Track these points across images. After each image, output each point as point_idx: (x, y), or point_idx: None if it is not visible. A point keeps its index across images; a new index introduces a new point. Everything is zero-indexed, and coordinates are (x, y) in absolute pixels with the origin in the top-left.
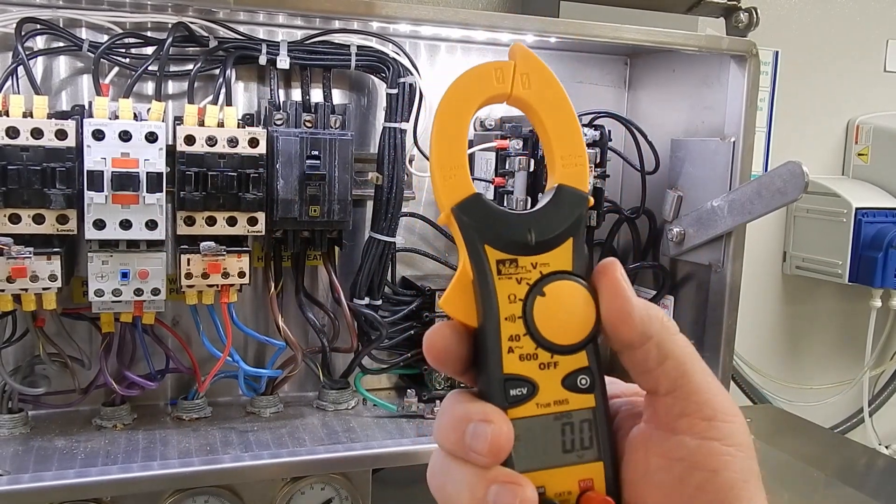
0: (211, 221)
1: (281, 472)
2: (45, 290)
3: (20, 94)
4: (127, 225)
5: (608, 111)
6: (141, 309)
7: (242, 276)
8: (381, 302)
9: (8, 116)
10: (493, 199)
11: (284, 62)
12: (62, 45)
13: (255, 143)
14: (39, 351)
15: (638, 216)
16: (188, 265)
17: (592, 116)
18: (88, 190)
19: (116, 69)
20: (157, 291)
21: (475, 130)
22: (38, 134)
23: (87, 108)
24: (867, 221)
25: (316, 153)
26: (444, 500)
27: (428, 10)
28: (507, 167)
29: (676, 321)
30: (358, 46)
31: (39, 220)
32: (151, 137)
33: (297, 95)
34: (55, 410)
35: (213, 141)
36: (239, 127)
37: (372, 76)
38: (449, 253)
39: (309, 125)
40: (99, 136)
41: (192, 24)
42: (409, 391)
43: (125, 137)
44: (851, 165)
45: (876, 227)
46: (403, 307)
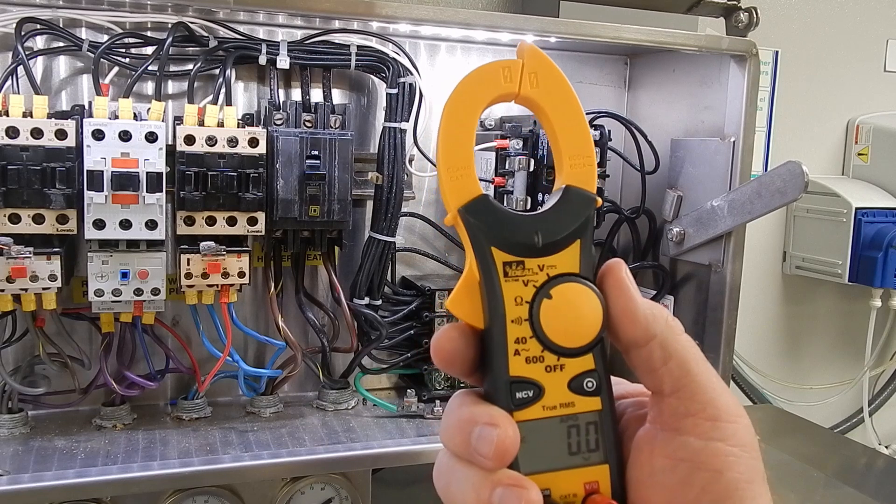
0: (211, 221)
1: (281, 472)
2: (45, 290)
3: (20, 93)
4: (127, 225)
5: (608, 111)
6: (141, 309)
7: (242, 276)
8: (381, 302)
9: (8, 116)
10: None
11: (284, 62)
12: (62, 45)
13: (255, 142)
14: (39, 351)
15: (638, 216)
16: (188, 265)
17: (592, 116)
18: (88, 190)
19: (116, 69)
20: (156, 291)
21: None
22: (38, 134)
23: (87, 107)
24: (867, 221)
25: (316, 153)
26: (449, 500)
27: (428, 10)
28: (506, 167)
29: None
30: (358, 46)
31: (39, 220)
32: (151, 137)
33: (297, 95)
34: (55, 410)
35: (212, 141)
36: (239, 127)
37: (372, 76)
38: (449, 253)
39: (309, 125)
40: (99, 136)
41: (192, 24)
42: (409, 391)
43: (125, 137)
44: (851, 165)
45: (876, 227)
46: (403, 307)
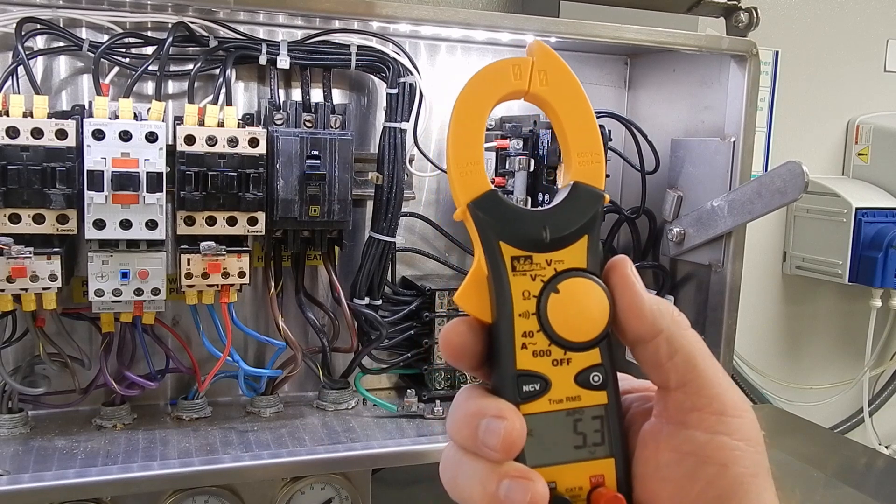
0: (211, 221)
1: (281, 472)
2: (45, 289)
3: (20, 93)
4: (127, 225)
5: (608, 111)
6: (141, 309)
7: (242, 276)
8: (381, 302)
9: (8, 116)
10: None
11: (284, 62)
12: (62, 44)
13: (255, 142)
14: (39, 351)
15: (638, 216)
16: (188, 265)
17: None
18: (88, 190)
19: (116, 69)
20: (157, 291)
21: None
22: (38, 134)
23: (87, 107)
24: (867, 221)
25: (316, 153)
26: (455, 493)
27: (428, 10)
28: (507, 167)
29: None
30: (358, 46)
31: (39, 219)
32: (151, 137)
33: (297, 95)
34: (55, 410)
35: (213, 141)
36: (239, 127)
37: (372, 76)
38: (449, 253)
39: (309, 125)
40: (99, 135)
41: (192, 23)
42: (409, 391)
43: (125, 137)
44: (851, 165)
45: (876, 227)
46: (403, 307)
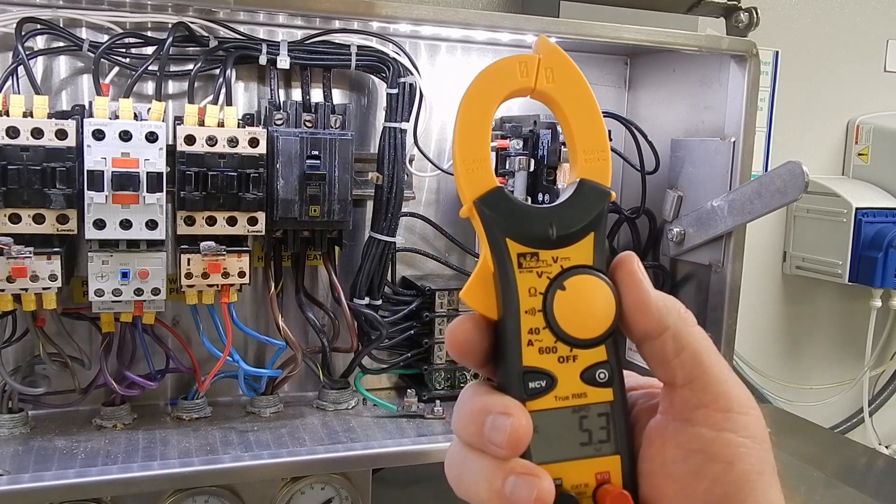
0: (211, 221)
1: (281, 472)
2: (45, 289)
3: (20, 93)
4: (127, 225)
5: (608, 111)
6: (141, 309)
7: (242, 276)
8: (381, 302)
9: (8, 116)
10: None
11: (284, 62)
12: (62, 45)
13: (255, 142)
14: (39, 351)
15: (638, 216)
16: (188, 265)
17: None
18: (88, 190)
19: (116, 69)
20: (157, 291)
21: None
22: (38, 134)
23: (87, 107)
24: (867, 221)
25: (316, 153)
26: (461, 490)
27: (428, 10)
28: (507, 167)
29: None
30: (358, 46)
31: (39, 219)
32: (151, 137)
33: (297, 95)
34: (55, 410)
35: (213, 141)
36: (239, 127)
37: (372, 76)
38: (449, 253)
39: (309, 125)
40: (99, 135)
41: (192, 24)
42: (409, 391)
43: (125, 137)
44: (851, 165)
45: (876, 227)
46: (403, 307)
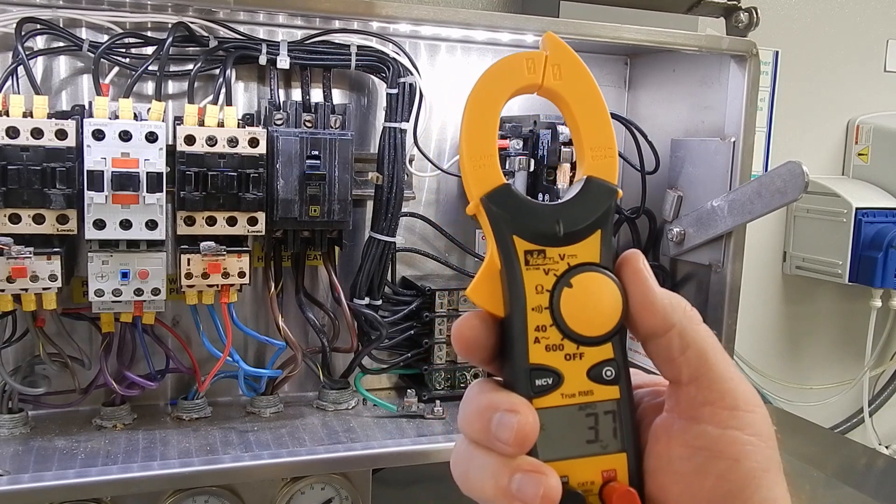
0: (211, 221)
1: (281, 472)
2: (45, 290)
3: (20, 94)
4: (127, 225)
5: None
6: (141, 309)
7: (242, 276)
8: (381, 302)
9: (8, 116)
10: None
11: (284, 62)
12: (62, 45)
13: (255, 143)
14: (39, 351)
15: (638, 216)
16: (188, 265)
17: None
18: (88, 190)
19: (116, 69)
20: (157, 291)
21: None
22: (38, 134)
23: (87, 107)
24: (867, 221)
25: (316, 153)
26: (467, 487)
27: (428, 10)
28: (506, 167)
29: None
30: (358, 46)
31: (39, 220)
32: (151, 137)
33: (297, 95)
34: (55, 410)
35: (213, 141)
36: (239, 127)
37: (372, 76)
38: (449, 253)
39: (309, 125)
40: (99, 136)
41: (192, 24)
42: (409, 391)
43: (125, 137)
44: (851, 165)
45: (876, 227)
46: (403, 307)
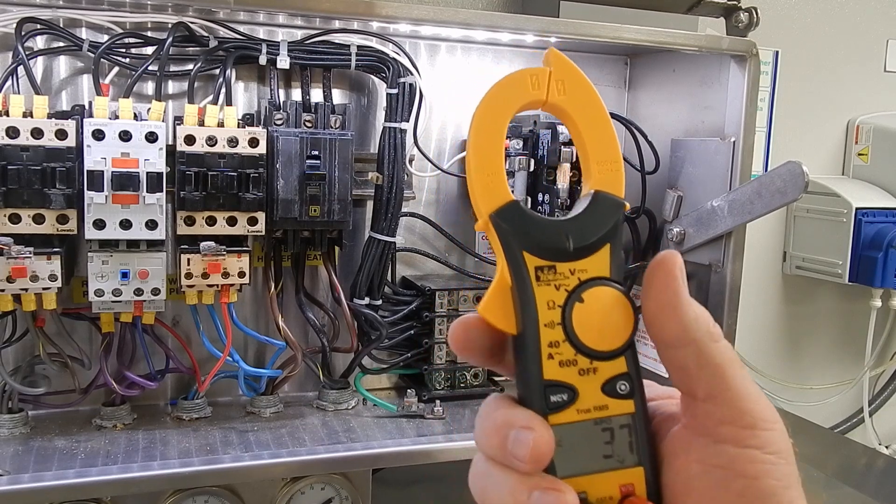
0: (211, 221)
1: (281, 472)
2: (45, 290)
3: (20, 93)
4: (127, 225)
5: (608, 111)
6: (141, 309)
7: (242, 276)
8: (381, 302)
9: (8, 116)
10: None
11: (284, 62)
12: (62, 45)
13: (255, 142)
14: (39, 351)
15: (638, 216)
16: (188, 265)
17: None
18: (88, 190)
19: (116, 69)
20: (157, 291)
21: None
22: (38, 134)
23: (87, 107)
24: (867, 221)
25: (316, 153)
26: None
27: (428, 10)
28: (506, 167)
29: None
30: (358, 46)
31: (39, 220)
32: (151, 137)
33: (297, 95)
34: (55, 410)
35: (213, 141)
36: (239, 127)
37: (372, 76)
38: (449, 253)
39: (309, 125)
40: (99, 135)
41: (192, 24)
42: (409, 391)
43: (125, 137)
44: (851, 165)
45: (876, 227)
46: (403, 307)
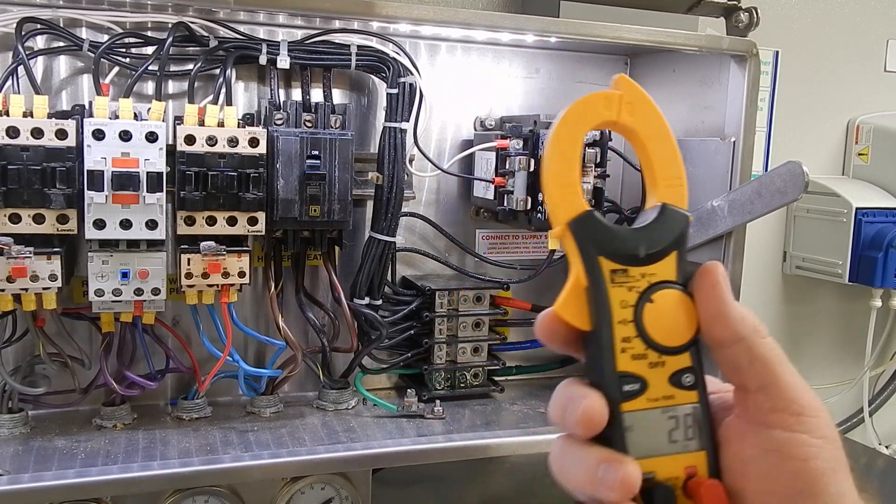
0: (211, 221)
1: (281, 472)
2: (45, 289)
3: (20, 93)
4: (127, 225)
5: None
6: (141, 309)
7: (242, 275)
8: (381, 302)
9: (8, 116)
10: (492, 198)
11: (284, 62)
12: (62, 44)
13: (255, 142)
14: (39, 351)
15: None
16: (188, 265)
17: None
18: (88, 190)
19: (116, 69)
20: (157, 291)
21: (475, 130)
22: (38, 134)
23: (87, 107)
24: (867, 221)
25: (316, 153)
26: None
27: (428, 9)
28: (507, 167)
29: None
30: (358, 46)
31: (39, 219)
32: (151, 137)
33: (297, 95)
34: (55, 410)
35: (213, 141)
36: (239, 127)
37: (372, 76)
38: (449, 253)
39: (309, 125)
40: (99, 135)
41: (192, 23)
42: (409, 391)
43: (125, 137)
44: (851, 165)
45: (876, 227)
46: (403, 307)
